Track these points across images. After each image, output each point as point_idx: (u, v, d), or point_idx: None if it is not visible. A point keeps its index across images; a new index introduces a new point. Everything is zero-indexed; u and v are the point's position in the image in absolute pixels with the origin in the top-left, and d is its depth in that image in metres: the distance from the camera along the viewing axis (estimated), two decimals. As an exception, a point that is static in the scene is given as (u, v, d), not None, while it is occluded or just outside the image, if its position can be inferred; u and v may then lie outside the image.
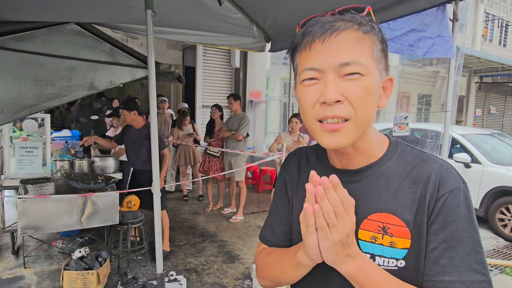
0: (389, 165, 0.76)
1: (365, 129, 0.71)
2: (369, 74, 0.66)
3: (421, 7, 2.52)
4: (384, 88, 0.73)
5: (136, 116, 3.62)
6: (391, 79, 0.73)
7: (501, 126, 15.17)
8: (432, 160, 0.75)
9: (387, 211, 0.72)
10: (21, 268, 3.39)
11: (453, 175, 0.72)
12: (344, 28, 0.66)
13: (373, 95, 0.68)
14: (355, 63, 0.65)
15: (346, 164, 0.78)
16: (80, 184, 3.14)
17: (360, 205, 0.75)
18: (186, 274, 3.43)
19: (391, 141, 0.80)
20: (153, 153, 2.38)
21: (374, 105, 0.70)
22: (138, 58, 3.29)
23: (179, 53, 8.35)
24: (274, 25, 3.40)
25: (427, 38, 3.05)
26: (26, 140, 3.83)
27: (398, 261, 0.71)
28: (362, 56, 0.66)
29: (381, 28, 0.72)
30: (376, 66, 0.68)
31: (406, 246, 0.71)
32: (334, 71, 0.66)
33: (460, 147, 5.64)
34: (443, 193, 0.69)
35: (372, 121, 0.72)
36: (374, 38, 0.68)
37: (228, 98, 5.18)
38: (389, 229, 0.72)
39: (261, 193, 6.83)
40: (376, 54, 0.68)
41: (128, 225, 3.33)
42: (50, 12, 2.76)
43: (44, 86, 2.87)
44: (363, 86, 0.66)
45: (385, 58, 0.71)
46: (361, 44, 0.66)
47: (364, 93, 0.66)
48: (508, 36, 15.32)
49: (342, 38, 0.65)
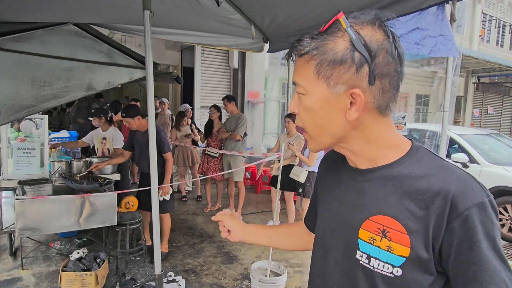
0: (400, 169, 0.74)
1: (325, 140, 0.77)
2: (308, 93, 0.74)
3: (416, 7, 2.52)
4: (352, 100, 0.70)
5: (141, 120, 3.57)
6: (354, 92, 0.69)
7: (499, 126, 15.23)
8: (450, 170, 0.71)
9: (389, 214, 0.72)
10: (19, 270, 3.37)
11: (471, 190, 0.67)
12: (295, 54, 0.75)
13: (313, 112, 0.74)
14: (298, 84, 0.75)
15: (354, 164, 0.82)
16: (74, 184, 3.13)
17: (365, 204, 0.76)
18: (185, 274, 3.42)
19: (413, 146, 0.78)
20: (151, 153, 2.38)
21: (320, 119, 0.74)
22: (136, 59, 3.29)
23: (177, 53, 8.34)
24: (272, 25, 3.40)
25: (431, 36, 3.06)
26: (24, 141, 3.81)
27: (394, 268, 0.70)
28: (302, 78, 0.74)
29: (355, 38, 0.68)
30: (321, 84, 0.71)
31: (404, 254, 0.69)
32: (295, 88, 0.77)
33: (458, 147, 5.65)
34: (461, 211, 0.65)
35: (330, 133, 0.75)
36: (315, 56, 0.70)
37: (222, 100, 5.18)
38: (389, 233, 0.71)
39: (260, 193, 6.83)
40: (317, 72, 0.70)
41: (126, 226, 3.33)
42: (47, 12, 2.75)
43: (42, 87, 2.87)
44: (303, 105, 0.76)
45: (346, 71, 0.68)
46: (303, 66, 0.73)
47: (304, 110, 0.76)
48: (506, 37, 15.38)
49: (297, 60, 0.75)
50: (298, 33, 3.50)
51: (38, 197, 3.01)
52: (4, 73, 2.74)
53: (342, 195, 0.83)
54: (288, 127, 4.53)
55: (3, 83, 2.73)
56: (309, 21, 3.10)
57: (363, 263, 0.75)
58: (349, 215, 0.79)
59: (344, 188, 0.83)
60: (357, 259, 0.76)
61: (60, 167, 3.72)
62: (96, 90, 3.19)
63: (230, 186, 5.36)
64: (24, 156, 3.58)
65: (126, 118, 3.53)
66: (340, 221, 0.81)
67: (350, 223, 0.78)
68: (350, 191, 0.81)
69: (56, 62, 2.92)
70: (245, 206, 5.42)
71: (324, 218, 0.88)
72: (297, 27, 3.34)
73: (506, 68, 11.31)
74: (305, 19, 3.07)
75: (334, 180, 0.88)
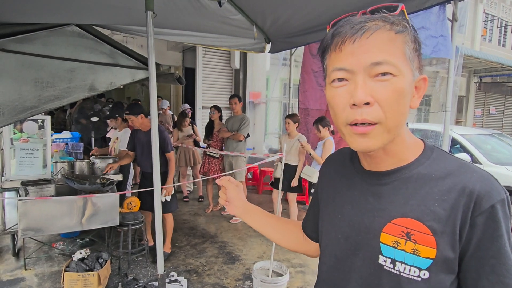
0: (420, 169, 0.73)
1: (396, 132, 0.69)
2: (401, 74, 0.65)
3: (418, 7, 2.52)
4: (417, 88, 0.71)
5: (144, 119, 3.60)
6: (425, 78, 0.71)
7: (501, 126, 15.18)
8: (471, 169, 0.71)
9: (412, 216, 0.69)
10: (22, 270, 3.39)
11: (494, 187, 0.68)
12: (375, 29, 0.65)
13: (405, 97, 0.66)
14: (387, 63, 0.64)
15: (374, 166, 0.77)
16: (76, 184, 3.15)
17: (385, 208, 0.73)
18: (187, 275, 3.43)
19: (426, 146, 0.77)
20: (154, 154, 2.38)
21: (406, 107, 0.68)
22: (138, 60, 3.30)
23: (179, 54, 8.36)
24: (274, 26, 3.41)
25: (432, 37, 3.07)
26: (27, 142, 3.83)
27: (421, 272, 0.68)
28: (393, 57, 0.65)
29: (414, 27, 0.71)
30: (409, 66, 0.67)
31: (431, 256, 0.67)
32: (364, 71, 0.65)
33: (460, 147, 5.64)
34: (486, 207, 0.66)
35: (404, 124, 0.70)
36: (406, 37, 0.67)
37: (232, 98, 5.12)
38: (413, 236, 0.69)
39: (261, 194, 6.83)
40: (408, 53, 0.67)
41: (128, 227, 3.33)
42: (50, 14, 2.76)
43: (44, 88, 2.88)
44: (395, 88, 0.65)
45: (418, 57, 0.70)
46: (393, 44, 0.65)
47: (395, 95, 0.65)
48: (508, 36, 15.34)
49: (374, 38, 0.65)
50: (300, 33, 3.51)
51: (41, 198, 3.03)
52: (7, 74, 2.75)
53: (356, 200, 0.79)
54: (289, 128, 4.44)
55: (6, 84, 2.74)
56: (311, 21, 3.11)
57: (388, 268, 0.71)
58: (367, 220, 0.75)
59: (357, 192, 0.79)
60: (381, 264, 0.72)
61: (62, 168, 3.74)
62: (98, 91, 3.20)
63: (232, 187, 5.35)
64: (26, 157, 3.59)
65: (129, 115, 3.58)
66: (357, 226, 0.77)
67: (369, 228, 0.75)
68: (365, 195, 0.77)
69: (59, 63, 2.93)
70: (247, 206, 5.41)
71: (335, 224, 0.83)
72: (299, 28, 3.35)
73: (508, 68, 11.28)
74: (306, 19, 3.07)
75: (344, 184, 0.84)
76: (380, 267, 0.72)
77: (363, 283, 0.75)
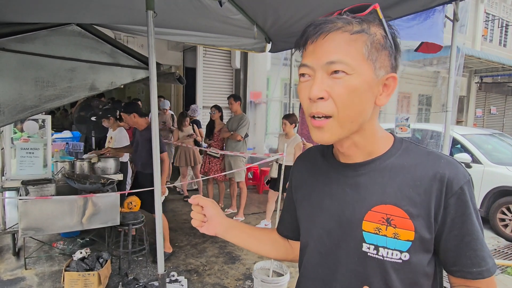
0: (393, 160, 0.78)
1: (352, 127, 0.73)
2: (355, 73, 0.69)
3: (424, 6, 2.52)
4: (385, 86, 0.74)
5: (137, 118, 3.61)
6: (394, 76, 0.74)
7: (502, 126, 15.15)
8: (438, 156, 0.77)
9: (391, 203, 0.74)
10: (22, 269, 3.39)
11: (460, 171, 0.74)
12: (331, 30, 0.70)
13: (359, 94, 0.70)
14: (340, 62, 0.68)
15: (348, 158, 0.81)
16: (77, 184, 3.15)
17: (364, 197, 0.77)
18: (187, 274, 3.43)
19: (396, 139, 0.82)
20: (154, 154, 2.38)
21: (362, 104, 0.71)
22: (139, 59, 3.30)
23: (179, 54, 8.36)
24: (275, 26, 3.40)
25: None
26: (27, 142, 3.83)
27: (402, 254, 0.73)
28: (348, 57, 0.69)
29: (390, 25, 0.74)
30: (367, 66, 0.70)
31: (410, 238, 0.72)
32: (322, 69, 0.70)
33: (460, 147, 5.63)
34: (456, 189, 0.72)
35: (360, 120, 0.73)
36: (365, 38, 0.70)
37: (228, 99, 5.18)
38: (393, 221, 0.73)
39: (262, 193, 6.82)
40: (368, 53, 0.70)
41: (129, 226, 3.33)
42: (51, 13, 2.76)
43: (45, 87, 2.88)
44: (347, 85, 0.69)
45: (386, 57, 0.72)
46: (349, 45, 0.69)
47: (347, 92, 0.69)
48: (508, 36, 15.32)
49: (330, 39, 0.69)
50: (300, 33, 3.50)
51: (41, 197, 3.03)
52: (8, 73, 2.75)
53: (334, 193, 0.82)
54: (285, 129, 4.45)
55: (7, 83, 2.74)
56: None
57: (372, 254, 0.75)
58: (347, 211, 0.78)
59: (334, 186, 0.82)
60: (364, 252, 0.76)
61: (63, 167, 3.74)
62: (99, 91, 3.20)
63: (232, 187, 5.36)
64: (27, 156, 3.60)
65: (123, 113, 3.65)
66: (338, 219, 0.80)
67: (350, 218, 0.78)
68: (343, 188, 0.80)
69: (59, 62, 2.93)
70: (247, 206, 5.41)
71: (314, 221, 0.85)
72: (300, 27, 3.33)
73: (509, 68, 11.26)
74: (307, 19, 3.06)
75: (320, 180, 0.86)
76: (364, 255, 0.76)
77: (350, 274, 0.78)
